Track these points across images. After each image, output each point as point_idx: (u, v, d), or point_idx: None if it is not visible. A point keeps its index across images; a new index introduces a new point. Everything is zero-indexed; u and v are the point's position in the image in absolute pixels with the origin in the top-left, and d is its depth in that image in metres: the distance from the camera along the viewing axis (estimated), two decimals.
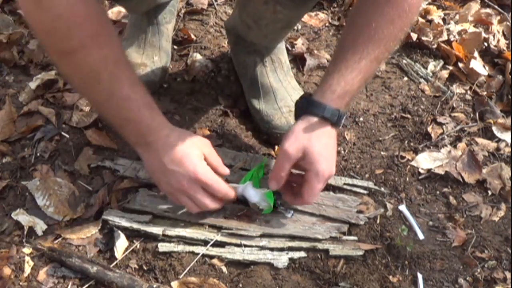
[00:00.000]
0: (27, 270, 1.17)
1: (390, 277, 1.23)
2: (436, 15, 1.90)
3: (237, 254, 1.23)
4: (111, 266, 1.19)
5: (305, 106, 1.16)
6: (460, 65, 1.73)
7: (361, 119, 1.58)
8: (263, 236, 1.26)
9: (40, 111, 1.50)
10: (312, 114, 1.14)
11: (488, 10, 1.91)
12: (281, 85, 1.54)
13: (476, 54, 1.74)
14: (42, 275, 1.17)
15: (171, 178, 1.13)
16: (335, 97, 1.12)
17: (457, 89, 1.67)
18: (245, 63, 1.57)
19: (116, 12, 1.82)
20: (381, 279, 1.23)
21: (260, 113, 1.52)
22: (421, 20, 1.86)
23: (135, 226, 1.24)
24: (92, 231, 1.25)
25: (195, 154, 1.14)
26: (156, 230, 1.24)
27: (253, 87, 1.55)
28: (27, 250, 1.21)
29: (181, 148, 1.13)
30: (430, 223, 1.34)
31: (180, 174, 1.12)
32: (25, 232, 1.23)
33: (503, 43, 1.81)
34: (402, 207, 1.36)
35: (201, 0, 1.85)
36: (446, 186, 1.43)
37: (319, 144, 1.13)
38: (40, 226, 1.25)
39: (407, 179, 1.43)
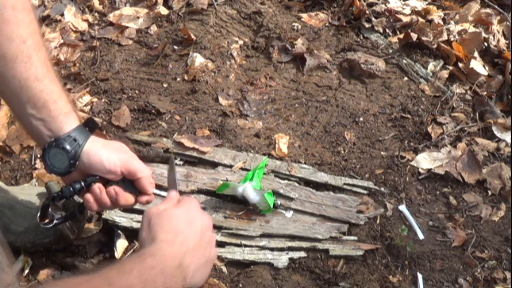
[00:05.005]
0: (27, 270, 1.17)
1: (390, 277, 1.23)
2: (436, 15, 1.90)
3: (237, 254, 1.23)
4: None
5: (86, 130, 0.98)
6: (460, 65, 1.73)
7: (361, 119, 1.58)
8: (263, 236, 1.26)
9: None
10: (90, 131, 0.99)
11: (488, 10, 1.91)
12: None
13: (476, 54, 1.74)
14: (42, 275, 1.17)
15: None
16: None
17: (457, 89, 1.67)
18: None
19: (118, 15, 1.82)
20: (381, 279, 1.23)
21: None
22: (421, 20, 1.86)
23: (135, 226, 1.24)
24: (92, 231, 1.25)
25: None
26: None
27: None
28: None
29: None
30: (430, 223, 1.34)
31: None
32: None
33: (503, 43, 1.81)
34: (402, 207, 1.36)
35: (201, 0, 1.85)
36: (446, 186, 1.43)
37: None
38: None
39: (407, 179, 1.43)
